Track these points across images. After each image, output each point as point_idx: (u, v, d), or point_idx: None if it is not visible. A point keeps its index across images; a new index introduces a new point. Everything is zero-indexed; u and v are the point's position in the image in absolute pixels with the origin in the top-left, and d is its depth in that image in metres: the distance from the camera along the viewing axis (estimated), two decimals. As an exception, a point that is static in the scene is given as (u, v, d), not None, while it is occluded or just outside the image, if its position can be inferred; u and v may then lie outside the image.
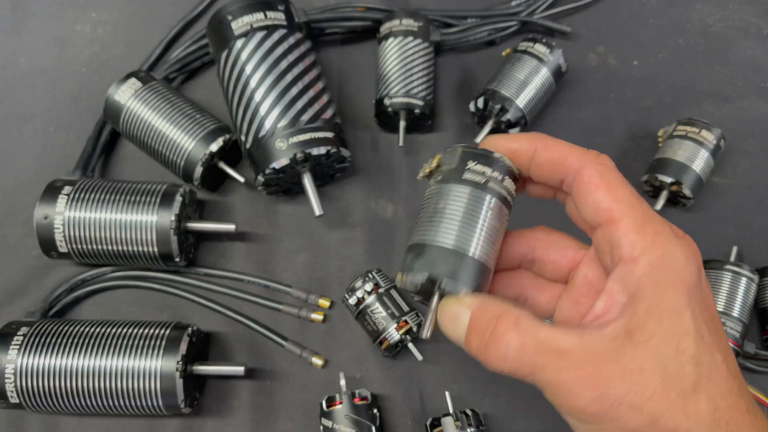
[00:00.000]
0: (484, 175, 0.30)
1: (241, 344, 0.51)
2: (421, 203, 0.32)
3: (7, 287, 0.53)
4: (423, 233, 0.30)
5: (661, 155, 0.53)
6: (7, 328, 0.46)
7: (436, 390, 0.49)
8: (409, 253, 0.30)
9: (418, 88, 0.55)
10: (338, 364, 0.50)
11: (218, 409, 0.49)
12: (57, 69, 0.63)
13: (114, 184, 0.50)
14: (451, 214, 0.30)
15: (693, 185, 0.51)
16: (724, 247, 0.53)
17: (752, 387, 0.47)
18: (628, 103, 0.59)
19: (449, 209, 0.30)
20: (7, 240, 0.55)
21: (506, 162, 0.31)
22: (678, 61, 0.62)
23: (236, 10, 0.52)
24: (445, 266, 0.29)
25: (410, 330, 0.48)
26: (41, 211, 0.49)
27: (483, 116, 0.56)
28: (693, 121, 0.53)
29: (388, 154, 0.58)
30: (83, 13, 0.66)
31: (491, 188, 0.30)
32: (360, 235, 0.55)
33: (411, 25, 0.57)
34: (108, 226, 0.48)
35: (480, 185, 0.30)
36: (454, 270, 0.29)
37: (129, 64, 0.60)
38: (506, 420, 0.48)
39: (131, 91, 0.53)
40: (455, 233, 0.29)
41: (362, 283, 0.49)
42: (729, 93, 0.60)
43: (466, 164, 0.30)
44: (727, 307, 0.47)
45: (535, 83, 0.55)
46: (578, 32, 0.63)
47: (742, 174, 0.56)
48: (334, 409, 0.45)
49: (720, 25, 0.63)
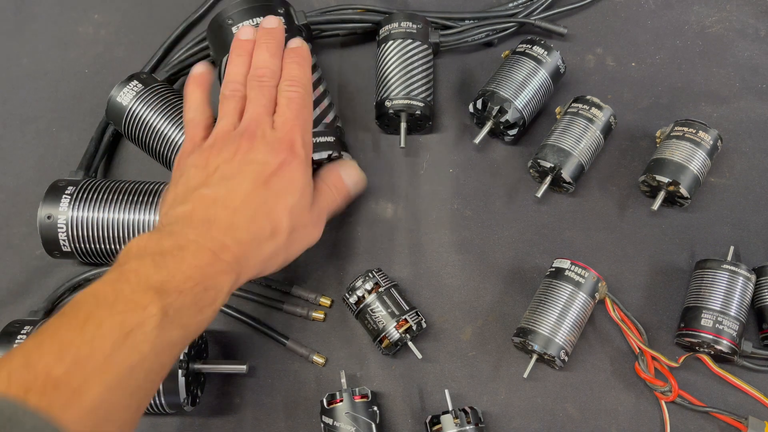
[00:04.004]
0: None
1: (242, 343, 0.51)
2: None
3: (10, 286, 0.54)
4: None
5: (659, 155, 0.53)
6: (11, 327, 0.47)
7: (435, 388, 0.50)
8: None
9: (418, 90, 0.56)
10: (339, 362, 0.51)
11: (220, 407, 0.50)
12: (60, 70, 0.63)
13: (117, 184, 0.51)
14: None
15: (690, 185, 0.52)
16: (721, 247, 0.53)
17: (752, 387, 0.48)
18: (626, 103, 0.60)
19: None
20: (11, 240, 0.56)
21: None
22: (676, 63, 0.62)
23: (236, 15, 0.52)
24: None
25: (410, 329, 0.48)
26: (45, 211, 0.49)
27: (482, 117, 0.57)
28: (690, 121, 0.54)
29: (389, 154, 0.58)
30: (86, 14, 0.66)
31: None
32: (360, 235, 0.55)
33: (410, 27, 0.57)
34: (111, 225, 0.49)
35: None
36: None
37: (131, 65, 0.61)
38: (505, 418, 0.49)
39: (133, 93, 0.54)
40: None
41: (362, 282, 0.49)
42: (726, 94, 0.60)
43: None
44: (724, 307, 0.48)
45: (533, 84, 0.55)
46: (576, 34, 0.64)
47: (739, 174, 0.57)
48: (334, 406, 0.45)
49: (717, 26, 0.64)
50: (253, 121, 0.45)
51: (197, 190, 0.42)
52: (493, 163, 0.58)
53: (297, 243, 0.45)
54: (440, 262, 0.54)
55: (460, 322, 0.52)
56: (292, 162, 0.44)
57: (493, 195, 0.57)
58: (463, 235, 0.55)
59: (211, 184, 0.42)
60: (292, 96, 0.47)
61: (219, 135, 0.45)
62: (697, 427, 0.48)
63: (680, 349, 0.50)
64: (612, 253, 0.54)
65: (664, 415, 0.48)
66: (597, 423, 0.48)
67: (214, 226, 0.40)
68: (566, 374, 0.50)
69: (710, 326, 0.47)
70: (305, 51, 0.50)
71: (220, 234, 0.40)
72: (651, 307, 0.52)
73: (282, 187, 0.43)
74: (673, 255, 0.54)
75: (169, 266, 0.36)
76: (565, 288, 0.48)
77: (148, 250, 0.37)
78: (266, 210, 0.42)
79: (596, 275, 0.49)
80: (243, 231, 0.41)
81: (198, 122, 0.48)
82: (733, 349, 0.47)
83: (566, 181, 0.53)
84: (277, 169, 0.43)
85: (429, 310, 0.52)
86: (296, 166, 0.44)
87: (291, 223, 0.43)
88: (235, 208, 0.41)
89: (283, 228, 0.43)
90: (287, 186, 0.43)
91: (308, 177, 0.45)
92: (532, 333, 0.47)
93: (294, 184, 0.44)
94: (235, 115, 0.46)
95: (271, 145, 0.44)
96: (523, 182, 0.57)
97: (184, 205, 0.41)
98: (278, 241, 0.43)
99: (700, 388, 0.49)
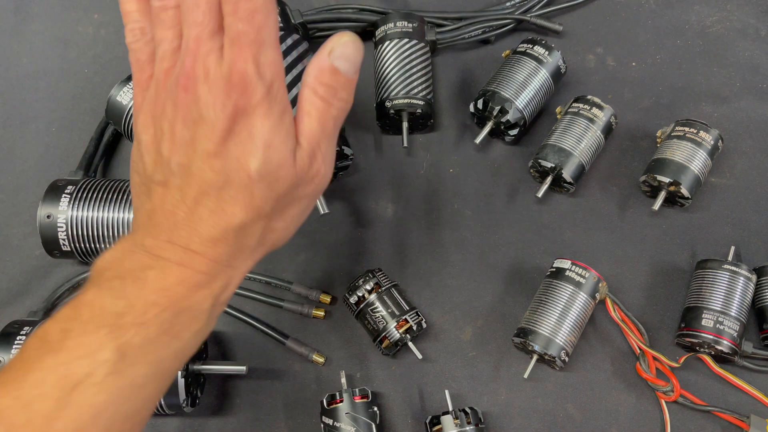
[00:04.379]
0: None
1: (242, 342, 0.51)
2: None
3: (9, 287, 0.54)
4: None
5: (660, 155, 0.53)
6: (10, 328, 0.46)
7: (435, 388, 0.50)
8: None
9: (417, 89, 0.56)
10: (339, 362, 0.51)
11: (220, 408, 0.49)
12: (59, 70, 0.63)
13: (116, 183, 0.51)
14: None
15: (691, 185, 0.52)
16: (722, 247, 0.53)
17: (752, 387, 0.48)
18: (627, 103, 0.60)
19: None
20: (10, 240, 0.56)
21: None
22: (676, 62, 0.62)
23: None
24: None
25: (410, 329, 0.48)
26: (44, 210, 0.49)
27: (482, 117, 0.57)
28: (691, 121, 0.54)
29: (389, 154, 0.58)
30: (86, 14, 0.66)
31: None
32: (360, 234, 0.55)
33: (406, 26, 0.57)
34: (111, 224, 0.49)
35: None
36: None
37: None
38: (505, 418, 0.49)
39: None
40: None
41: (363, 282, 0.49)
42: (727, 94, 0.60)
43: None
44: (725, 307, 0.48)
45: (534, 84, 0.55)
46: (577, 34, 0.63)
47: (740, 174, 0.57)
48: (334, 407, 0.45)
49: (718, 26, 0.64)
50: (190, 53, 0.31)
51: (153, 176, 0.33)
52: (494, 163, 0.58)
53: (294, 205, 0.35)
54: (440, 262, 0.54)
55: (460, 322, 0.52)
56: (246, 106, 0.31)
57: (493, 195, 0.56)
58: (464, 235, 0.55)
59: (161, 166, 0.33)
60: (236, 1, 0.30)
61: (158, 78, 0.33)
62: (697, 427, 0.48)
63: (681, 350, 0.50)
64: (612, 253, 0.54)
65: (664, 416, 0.48)
66: (597, 423, 0.48)
67: (177, 232, 0.32)
68: (567, 374, 0.50)
69: (711, 326, 0.47)
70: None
71: (185, 240, 0.32)
72: (651, 308, 0.52)
73: (239, 152, 0.31)
74: (673, 255, 0.54)
75: (128, 293, 0.30)
76: (565, 288, 0.48)
77: (109, 272, 0.31)
78: (231, 192, 0.32)
79: (597, 275, 0.49)
80: (210, 228, 0.32)
81: (139, 49, 0.35)
82: (733, 350, 0.47)
83: (567, 181, 0.53)
84: (229, 126, 0.31)
85: (429, 310, 0.52)
86: (254, 110, 0.31)
87: (268, 194, 0.32)
88: (195, 199, 0.32)
89: (259, 205, 0.32)
90: (245, 147, 0.31)
91: (275, 117, 0.32)
92: (533, 333, 0.47)
93: (252, 142, 0.31)
94: (175, 41, 0.33)
95: (217, 89, 0.31)
96: (523, 182, 0.57)
97: (145, 202, 0.34)
98: (261, 221, 0.33)
99: (701, 388, 0.48)
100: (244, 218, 0.32)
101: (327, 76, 0.33)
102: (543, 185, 0.54)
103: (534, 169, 0.56)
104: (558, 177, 0.53)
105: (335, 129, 0.35)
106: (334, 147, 0.36)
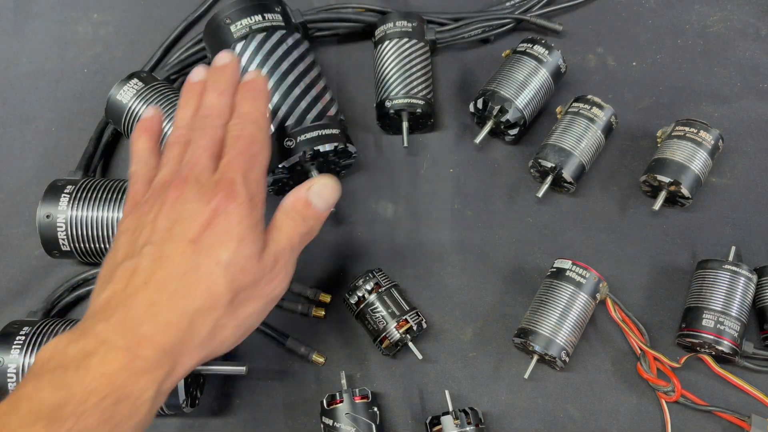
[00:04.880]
0: None
1: (241, 343, 0.51)
2: None
3: (9, 287, 0.54)
4: None
5: (660, 155, 0.53)
6: (9, 328, 0.46)
7: (435, 388, 0.50)
8: None
9: (417, 88, 0.55)
10: (339, 362, 0.51)
11: (220, 408, 0.49)
12: (59, 70, 0.63)
13: (116, 183, 0.50)
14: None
15: (691, 185, 0.52)
16: (722, 247, 0.53)
17: (753, 387, 0.48)
18: (627, 103, 0.60)
19: None
20: (10, 240, 0.56)
21: None
22: (676, 62, 0.62)
23: (234, 14, 0.52)
24: None
25: (410, 329, 0.48)
26: (44, 210, 0.49)
27: (482, 117, 0.57)
28: (691, 121, 0.54)
29: (389, 154, 0.58)
30: (85, 14, 0.66)
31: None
32: (360, 234, 0.55)
33: (405, 26, 0.57)
34: (110, 224, 0.49)
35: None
36: None
37: (130, 65, 0.61)
38: (505, 418, 0.49)
39: (133, 92, 0.54)
40: None
41: (363, 282, 0.49)
42: (727, 94, 0.60)
43: None
44: (725, 307, 0.48)
45: (534, 84, 0.55)
46: (577, 33, 0.63)
47: (740, 174, 0.57)
48: (334, 407, 0.45)
49: (718, 26, 0.64)
50: (188, 165, 0.38)
51: (122, 263, 0.35)
52: (494, 163, 0.58)
53: (249, 304, 0.37)
54: (440, 262, 0.54)
55: (460, 322, 0.52)
56: (228, 206, 0.36)
57: (493, 195, 0.56)
58: (464, 235, 0.55)
59: (134, 253, 0.35)
60: (239, 133, 0.39)
61: (155, 188, 0.39)
62: (698, 427, 0.48)
63: (681, 350, 0.50)
64: (613, 253, 0.54)
65: (665, 416, 0.47)
66: (598, 423, 0.48)
67: (132, 313, 0.33)
68: (567, 375, 0.50)
69: (711, 327, 0.47)
70: (259, 83, 0.43)
71: (137, 322, 0.33)
72: (652, 308, 0.52)
73: (214, 241, 0.35)
74: (674, 255, 0.54)
75: (69, 383, 0.30)
76: (566, 288, 0.48)
77: (52, 362, 0.32)
78: (196, 276, 0.34)
79: (597, 275, 0.49)
80: (166, 310, 0.33)
81: (141, 176, 0.41)
82: (734, 350, 0.47)
83: (567, 181, 0.53)
84: (210, 218, 0.35)
85: (429, 310, 0.52)
86: (233, 210, 0.36)
87: (231, 284, 0.35)
88: (158, 281, 0.34)
89: (220, 292, 0.35)
90: (220, 238, 0.35)
91: (252, 220, 0.37)
92: (533, 333, 0.47)
93: (228, 234, 0.35)
94: (177, 163, 0.39)
95: (204, 190, 0.36)
96: (523, 182, 0.57)
97: (106, 287, 0.35)
98: (217, 312, 0.35)
99: (702, 389, 0.48)
100: (201, 304, 0.34)
101: (301, 206, 0.40)
102: (543, 185, 0.54)
103: (534, 169, 0.55)
104: (558, 177, 0.53)
105: (299, 246, 0.40)
106: (295, 261, 0.40)
